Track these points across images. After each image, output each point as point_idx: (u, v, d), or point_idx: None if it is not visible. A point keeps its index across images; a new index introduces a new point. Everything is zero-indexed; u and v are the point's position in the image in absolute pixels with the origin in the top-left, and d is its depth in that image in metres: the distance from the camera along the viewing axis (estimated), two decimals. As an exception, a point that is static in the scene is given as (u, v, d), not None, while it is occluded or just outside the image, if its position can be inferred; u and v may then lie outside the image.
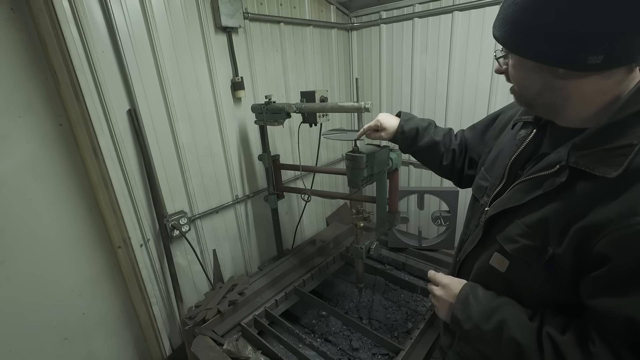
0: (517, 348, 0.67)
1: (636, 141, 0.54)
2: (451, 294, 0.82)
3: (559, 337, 0.62)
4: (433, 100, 2.60)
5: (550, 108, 0.68)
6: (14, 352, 1.38)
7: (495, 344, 0.72)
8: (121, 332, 1.76)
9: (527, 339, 0.66)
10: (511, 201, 0.72)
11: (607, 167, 0.56)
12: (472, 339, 0.78)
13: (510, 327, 0.69)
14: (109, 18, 1.44)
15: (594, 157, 0.58)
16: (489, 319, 0.72)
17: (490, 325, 0.71)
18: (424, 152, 1.23)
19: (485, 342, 0.74)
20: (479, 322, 0.74)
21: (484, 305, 0.75)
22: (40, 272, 1.43)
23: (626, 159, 0.54)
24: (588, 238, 0.57)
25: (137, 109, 1.59)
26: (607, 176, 0.55)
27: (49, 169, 1.41)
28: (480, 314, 0.74)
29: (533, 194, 0.67)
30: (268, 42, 2.19)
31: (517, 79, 0.69)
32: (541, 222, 0.65)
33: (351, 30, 2.86)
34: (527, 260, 0.68)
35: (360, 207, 1.59)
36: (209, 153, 1.96)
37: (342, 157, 3.07)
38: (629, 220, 0.52)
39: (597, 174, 0.57)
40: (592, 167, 0.57)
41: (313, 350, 1.54)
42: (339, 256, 2.24)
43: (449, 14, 2.32)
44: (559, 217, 0.62)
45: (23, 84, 1.30)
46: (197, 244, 1.99)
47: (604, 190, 0.56)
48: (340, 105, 1.57)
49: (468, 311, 0.76)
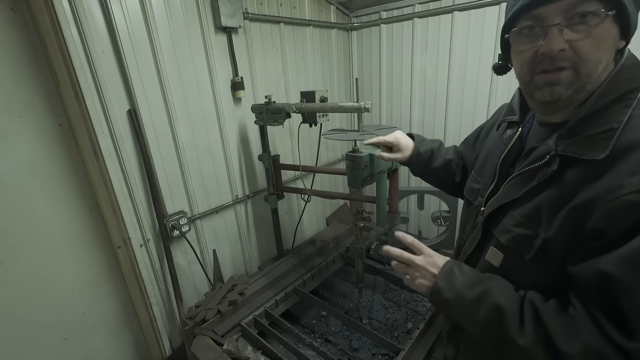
0: (498, 314, 0.66)
1: (617, 125, 0.59)
2: (435, 265, 0.79)
3: (540, 304, 0.64)
4: (433, 100, 2.60)
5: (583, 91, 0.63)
6: (14, 353, 1.38)
7: (474, 311, 0.70)
8: (121, 332, 1.76)
9: (509, 305, 0.66)
10: (507, 196, 0.74)
11: (594, 151, 0.59)
12: (450, 308, 0.75)
13: (494, 294, 0.68)
14: (109, 18, 1.44)
15: (580, 144, 0.61)
16: (473, 288, 0.71)
17: (473, 293, 0.71)
18: (437, 172, 1.19)
19: (464, 309, 0.72)
20: (462, 290, 0.72)
21: (470, 277, 0.74)
22: (40, 273, 1.43)
23: (610, 142, 0.58)
24: (581, 217, 0.59)
25: (137, 109, 1.59)
26: (595, 158, 0.59)
27: (49, 169, 1.41)
28: (464, 284, 0.73)
29: (527, 186, 0.69)
30: (268, 42, 2.19)
31: (598, 52, 0.60)
32: (535, 211, 0.67)
33: (351, 30, 2.86)
34: (519, 250, 0.69)
35: (360, 207, 1.59)
36: (209, 153, 1.96)
37: (342, 157, 3.08)
38: (615, 193, 0.55)
39: (586, 157, 0.60)
40: (581, 152, 0.61)
41: (313, 350, 1.54)
42: (339, 256, 2.24)
43: (449, 14, 2.32)
44: (550, 202, 0.65)
45: (23, 84, 1.30)
46: (197, 244, 1.99)
47: (592, 172, 0.60)
48: (340, 105, 1.57)
49: (452, 281, 0.75)
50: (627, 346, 0.53)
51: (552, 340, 0.60)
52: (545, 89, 0.65)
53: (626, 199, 0.54)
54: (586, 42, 0.59)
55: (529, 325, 0.63)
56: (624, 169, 0.56)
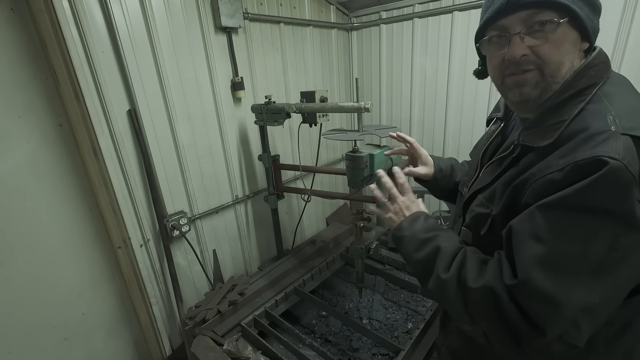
0: (435, 253, 0.77)
1: (567, 117, 0.65)
2: (409, 208, 0.90)
3: (471, 254, 0.74)
4: (433, 100, 2.60)
5: (550, 91, 0.70)
6: (14, 353, 1.38)
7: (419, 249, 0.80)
8: (121, 333, 1.76)
9: (447, 249, 0.76)
10: (480, 183, 0.82)
11: (542, 140, 0.67)
12: (402, 244, 0.86)
13: (441, 239, 0.79)
14: (109, 18, 1.44)
15: (536, 134, 0.69)
16: (427, 232, 0.82)
17: (425, 235, 0.81)
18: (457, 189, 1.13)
19: (412, 247, 0.82)
20: (418, 232, 0.83)
21: (429, 225, 0.85)
22: (40, 273, 1.43)
23: (557, 132, 0.65)
24: (516, 193, 0.68)
25: (137, 109, 1.59)
26: (541, 145, 0.66)
27: (49, 169, 1.41)
28: (422, 228, 0.84)
29: (496, 172, 0.77)
30: (268, 42, 2.19)
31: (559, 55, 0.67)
32: (492, 192, 0.76)
33: (351, 30, 2.86)
34: (477, 227, 0.78)
35: (360, 207, 1.59)
36: (209, 153, 1.96)
37: (342, 157, 3.08)
38: (543, 172, 0.63)
39: (536, 145, 0.68)
40: (533, 141, 0.68)
41: (313, 350, 1.54)
42: (339, 256, 2.24)
43: (449, 14, 2.32)
44: (503, 184, 0.73)
45: (23, 84, 1.30)
46: (197, 244, 1.99)
47: (537, 157, 0.68)
48: (340, 105, 1.57)
49: (414, 224, 0.85)
50: (509, 283, 0.63)
51: (465, 278, 0.70)
52: (515, 90, 0.72)
53: (549, 177, 0.61)
54: (546, 46, 0.66)
55: (455, 265, 0.73)
56: (558, 153, 0.63)
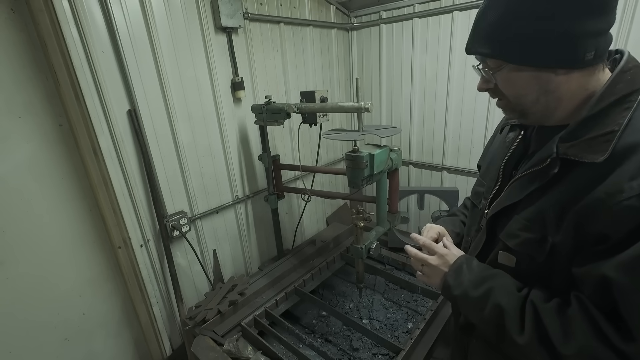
0: (499, 313, 0.69)
1: (617, 127, 0.60)
2: (446, 263, 0.83)
3: (541, 304, 0.66)
4: (433, 101, 2.60)
5: (545, 112, 0.69)
6: (14, 353, 1.38)
7: (478, 309, 0.74)
8: (121, 333, 1.76)
9: (510, 305, 0.69)
10: (509, 199, 0.75)
11: (594, 154, 0.60)
12: (458, 304, 0.81)
13: (497, 294, 0.71)
14: (108, 18, 1.44)
15: (581, 147, 0.62)
16: (479, 287, 0.75)
17: (478, 292, 0.74)
18: None
19: (470, 306, 0.77)
20: (468, 288, 0.76)
21: (476, 274, 0.77)
22: (41, 273, 1.43)
23: (610, 144, 0.59)
24: (583, 220, 0.61)
25: (137, 109, 1.59)
26: (595, 161, 0.60)
27: (49, 169, 1.41)
28: (470, 282, 0.77)
29: (529, 188, 0.71)
30: (268, 42, 2.19)
31: (513, 91, 0.69)
32: (539, 214, 0.68)
33: (351, 30, 2.86)
34: (530, 253, 0.70)
35: (360, 207, 1.59)
36: (209, 153, 1.96)
37: (342, 157, 3.08)
38: (616, 198, 0.56)
39: (586, 160, 0.61)
40: (581, 155, 0.62)
41: (313, 350, 1.54)
42: (339, 256, 2.24)
43: (448, 14, 2.32)
44: (554, 206, 0.66)
45: (23, 85, 1.30)
46: (197, 244, 1.99)
47: (593, 175, 0.60)
48: (340, 105, 1.57)
49: (460, 278, 0.78)
50: (623, 348, 0.55)
51: (550, 341, 0.62)
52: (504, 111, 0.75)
53: (627, 203, 0.55)
54: (499, 84, 0.69)
55: (529, 325, 0.65)
56: (624, 172, 0.57)
